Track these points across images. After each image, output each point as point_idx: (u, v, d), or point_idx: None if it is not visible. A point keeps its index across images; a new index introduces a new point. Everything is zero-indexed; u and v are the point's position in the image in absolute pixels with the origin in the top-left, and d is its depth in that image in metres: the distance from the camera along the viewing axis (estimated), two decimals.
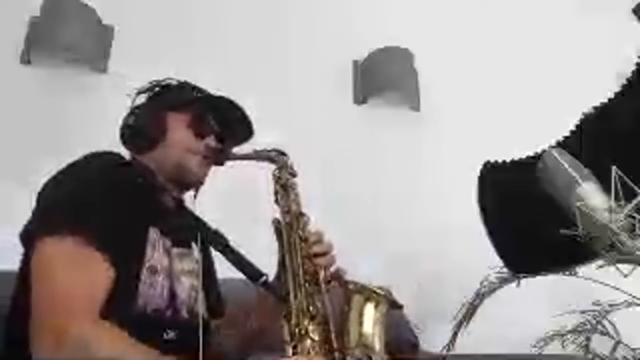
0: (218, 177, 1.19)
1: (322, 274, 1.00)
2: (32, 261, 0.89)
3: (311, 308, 0.93)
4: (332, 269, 1.03)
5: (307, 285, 0.97)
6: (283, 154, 1.15)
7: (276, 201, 1.10)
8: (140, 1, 2.22)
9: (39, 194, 0.96)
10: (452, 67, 2.48)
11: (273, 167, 1.14)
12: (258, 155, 1.15)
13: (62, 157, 1.02)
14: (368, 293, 0.97)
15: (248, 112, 1.20)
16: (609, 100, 1.53)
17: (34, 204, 0.97)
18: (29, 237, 0.92)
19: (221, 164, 1.16)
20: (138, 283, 0.95)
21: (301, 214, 1.07)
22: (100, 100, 2.01)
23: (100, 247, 0.88)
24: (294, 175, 1.13)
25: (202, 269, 1.12)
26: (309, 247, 1.02)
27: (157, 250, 1.01)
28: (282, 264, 1.03)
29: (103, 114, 1.99)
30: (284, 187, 1.10)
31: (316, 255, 1.02)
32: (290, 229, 1.04)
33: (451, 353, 1.71)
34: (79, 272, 0.86)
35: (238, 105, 1.18)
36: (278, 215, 1.08)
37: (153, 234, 1.01)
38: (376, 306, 0.97)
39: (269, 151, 1.15)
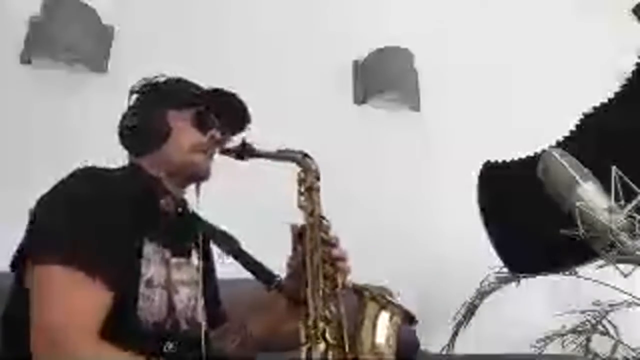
0: (221, 178, 1.18)
1: (340, 278, 0.99)
2: (30, 287, 0.88)
3: (327, 312, 0.93)
4: (348, 276, 1.03)
5: (324, 288, 0.96)
6: (308, 156, 1.13)
7: (299, 203, 1.08)
8: (140, 1, 2.22)
9: (32, 214, 0.94)
10: (452, 67, 2.48)
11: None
12: (283, 156, 1.13)
13: (61, 157, 1.02)
14: (384, 302, 0.97)
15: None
16: (609, 100, 1.54)
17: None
18: (23, 260, 0.91)
19: (243, 158, 1.13)
20: (137, 298, 0.94)
21: (323, 218, 1.06)
22: (100, 100, 2.01)
23: (95, 270, 0.87)
24: (318, 178, 1.11)
25: (202, 277, 1.11)
26: (329, 250, 1.02)
27: (154, 263, 0.99)
28: (301, 266, 1.01)
29: (103, 114, 2.00)
30: (309, 190, 1.09)
31: (336, 259, 1.02)
32: (313, 231, 1.03)
33: (451, 353, 1.72)
34: (75, 298, 0.86)
35: (235, 95, 1.16)
36: (299, 218, 1.07)
37: (150, 246, 0.99)
38: (391, 317, 0.96)
39: (294, 152, 1.13)
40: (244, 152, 1.13)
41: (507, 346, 1.68)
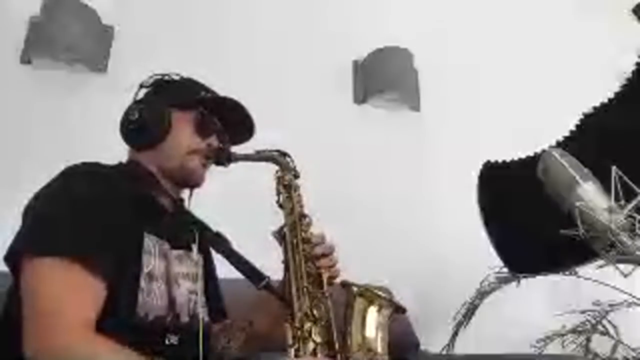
0: (217, 177, 1.18)
1: (325, 276, 0.99)
2: (22, 283, 0.87)
3: (314, 310, 0.93)
4: (334, 271, 1.03)
5: (310, 287, 0.96)
6: (285, 154, 1.13)
7: (278, 202, 1.09)
8: (140, 1, 2.22)
9: (24, 213, 0.94)
10: (452, 67, 2.48)
11: (274, 168, 1.14)
12: (261, 157, 1.14)
13: (62, 157, 1.02)
14: (371, 296, 0.97)
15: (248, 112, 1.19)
16: (609, 100, 1.54)
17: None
18: (16, 257, 0.90)
19: (224, 164, 1.14)
20: (137, 293, 0.93)
21: (304, 216, 1.06)
22: (100, 100, 2.01)
23: (93, 263, 0.87)
24: (296, 176, 1.12)
25: (202, 270, 1.11)
26: (311, 248, 1.02)
27: (154, 256, 0.99)
28: (285, 266, 1.02)
29: (103, 114, 2.00)
30: (287, 188, 1.09)
31: (319, 256, 1.01)
32: (293, 230, 1.03)
33: (451, 353, 1.72)
34: (70, 293, 0.85)
35: (241, 105, 1.16)
36: (281, 216, 1.07)
37: (149, 240, 0.99)
38: (379, 309, 0.96)
39: (271, 152, 1.13)
40: (223, 157, 1.13)
41: (507, 346, 1.68)
